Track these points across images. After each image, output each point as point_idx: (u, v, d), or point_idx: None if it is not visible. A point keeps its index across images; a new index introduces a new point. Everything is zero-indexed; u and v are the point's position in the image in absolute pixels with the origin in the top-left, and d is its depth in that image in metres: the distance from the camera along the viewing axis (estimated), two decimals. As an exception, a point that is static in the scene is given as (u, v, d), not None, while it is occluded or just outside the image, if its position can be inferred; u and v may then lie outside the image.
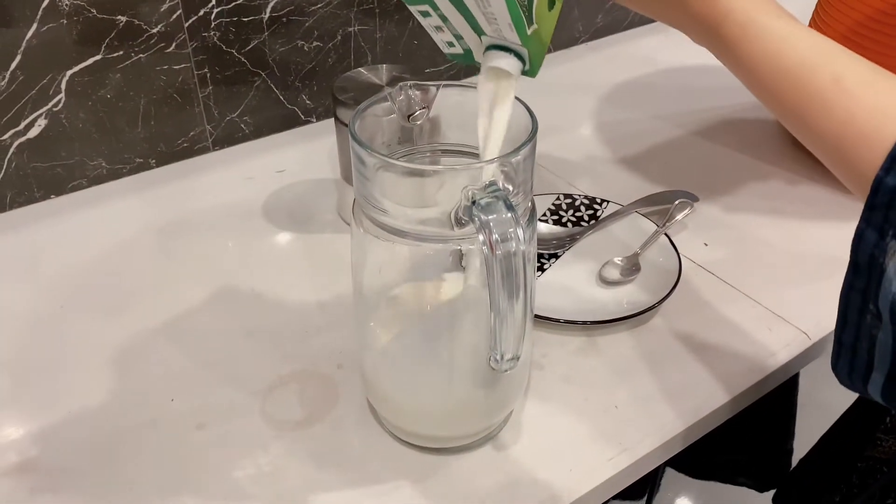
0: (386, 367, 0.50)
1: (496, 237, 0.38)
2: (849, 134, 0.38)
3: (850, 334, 0.39)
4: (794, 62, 0.40)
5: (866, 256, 0.36)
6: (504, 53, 0.45)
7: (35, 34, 0.70)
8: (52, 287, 0.67)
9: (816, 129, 0.40)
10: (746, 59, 0.42)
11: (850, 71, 0.39)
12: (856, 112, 0.38)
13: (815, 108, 0.39)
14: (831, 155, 0.40)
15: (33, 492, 0.50)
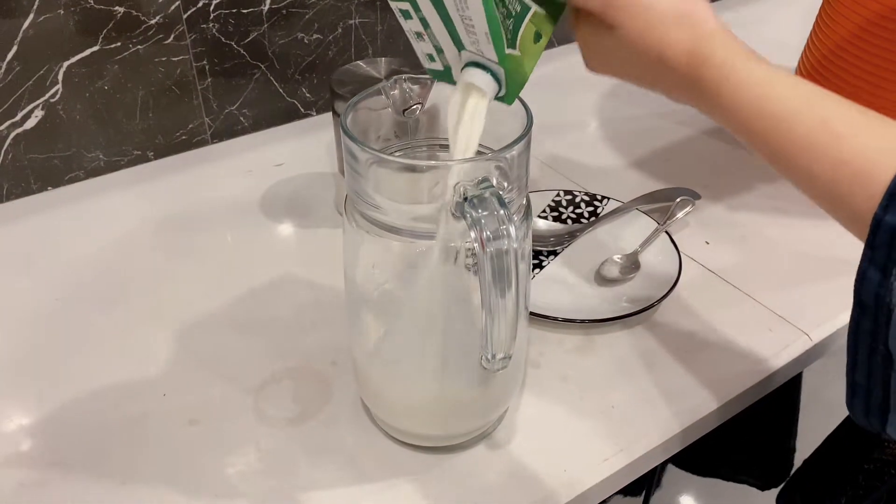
0: (378, 365, 0.49)
1: (487, 234, 0.37)
2: (841, 176, 0.38)
3: (861, 375, 0.38)
4: (780, 106, 0.40)
5: (871, 297, 0.36)
6: (481, 72, 0.44)
7: (32, 24, 0.69)
8: (48, 280, 0.67)
9: (807, 172, 0.40)
10: (729, 105, 0.42)
11: (836, 113, 0.39)
12: (846, 154, 0.38)
13: (804, 151, 0.39)
14: (824, 197, 0.40)
15: (21, 486, 0.50)
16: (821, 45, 0.78)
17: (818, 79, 0.78)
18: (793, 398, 0.76)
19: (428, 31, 0.44)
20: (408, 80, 0.49)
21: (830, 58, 0.76)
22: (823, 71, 0.78)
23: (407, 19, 0.44)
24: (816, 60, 0.79)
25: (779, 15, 1.20)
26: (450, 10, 0.41)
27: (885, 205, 0.35)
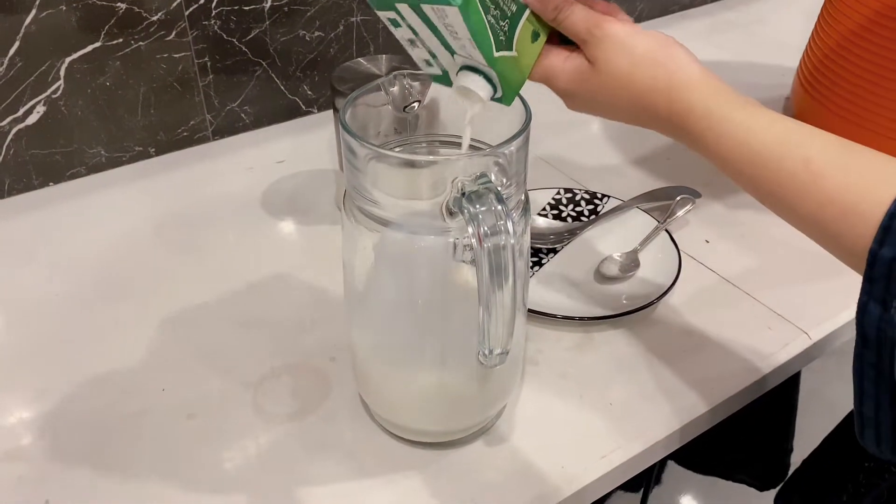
0: (377, 360, 0.49)
1: (485, 230, 0.38)
2: (828, 214, 0.39)
3: (869, 407, 0.38)
4: (762, 150, 0.41)
5: (874, 330, 0.36)
6: (476, 76, 0.44)
7: (34, 20, 0.69)
8: (49, 275, 0.67)
9: (796, 211, 0.41)
10: (713, 151, 0.43)
11: (818, 152, 0.39)
12: (831, 193, 0.39)
13: (790, 192, 0.40)
14: (815, 234, 0.41)
15: (21, 480, 0.50)
16: (822, 44, 0.78)
17: (820, 78, 0.79)
18: (791, 398, 0.76)
19: (418, 37, 0.44)
20: (407, 77, 0.49)
21: (832, 57, 0.76)
22: (825, 70, 0.78)
23: (396, 27, 0.44)
24: (818, 60, 0.79)
25: (780, 15, 1.20)
26: (431, 18, 0.41)
27: (881, 238, 0.36)
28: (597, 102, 0.46)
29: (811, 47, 0.82)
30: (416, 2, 0.40)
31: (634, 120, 0.47)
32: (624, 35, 0.44)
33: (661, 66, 0.43)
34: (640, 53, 0.44)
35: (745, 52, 1.07)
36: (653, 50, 0.44)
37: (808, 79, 0.81)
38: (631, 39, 0.44)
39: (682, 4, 1.20)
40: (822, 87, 0.78)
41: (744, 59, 1.05)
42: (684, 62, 0.44)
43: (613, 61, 0.44)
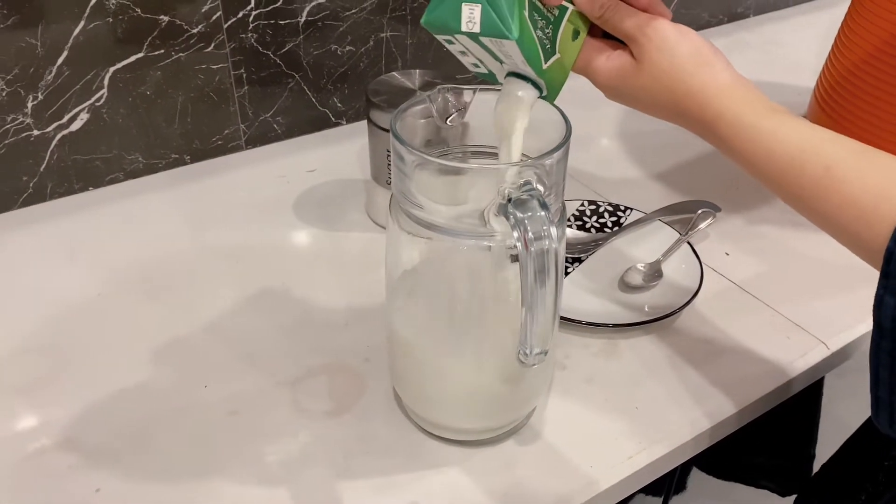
0: (416, 359, 0.52)
1: (530, 235, 0.40)
2: (848, 215, 0.42)
3: (884, 391, 0.42)
4: (786, 157, 0.44)
5: (889, 321, 0.39)
6: (522, 81, 0.47)
7: (82, 31, 0.72)
8: (90, 275, 0.69)
9: (817, 212, 0.44)
10: (741, 156, 0.46)
11: (838, 159, 0.42)
12: (851, 195, 0.42)
13: (812, 195, 0.43)
14: (836, 233, 0.44)
15: (72, 469, 0.52)
16: (839, 65, 0.81)
17: (837, 98, 0.81)
18: (814, 405, 0.78)
19: (470, 53, 0.47)
20: (450, 91, 0.52)
21: (849, 77, 0.79)
22: (842, 91, 0.80)
23: (450, 45, 0.46)
24: (835, 80, 0.82)
25: (795, 36, 1.23)
26: (487, 45, 0.44)
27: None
28: (636, 99, 0.49)
29: (828, 68, 0.85)
30: (476, 35, 0.43)
31: (669, 118, 0.49)
32: (670, 36, 0.46)
33: (698, 72, 0.46)
34: (681, 57, 0.46)
35: (761, 71, 1.10)
36: (693, 55, 0.46)
37: (825, 98, 0.84)
38: (675, 42, 0.46)
39: (698, 24, 1.23)
40: (838, 108, 0.81)
41: (760, 78, 1.07)
42: (719, 69, 0.46)
43: (657, 62, 0.46)
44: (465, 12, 0.42)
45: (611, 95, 0.51)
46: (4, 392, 0.58)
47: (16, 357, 0.61)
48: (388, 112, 0.69)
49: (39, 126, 0.75)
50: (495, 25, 0.42)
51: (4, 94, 0.72)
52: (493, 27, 0.42)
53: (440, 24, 0.43)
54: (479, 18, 0.42)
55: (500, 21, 0.41)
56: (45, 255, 0.72)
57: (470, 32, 0.42)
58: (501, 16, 0.41)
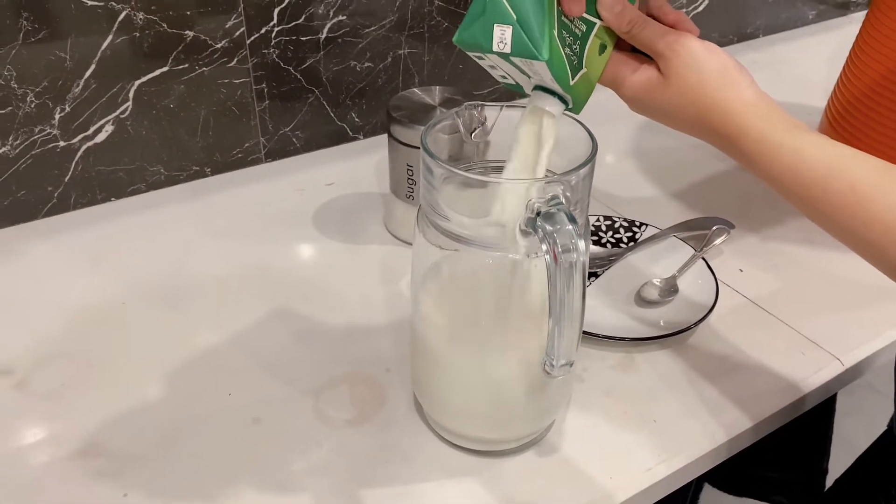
0: (439, 368, 0.52)
1: (559, 248, 0.41)
2: (873, 232, 0.43)
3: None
4: (811, 175, 0.45)
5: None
6: (548, 95, 0.48)
7: (109, 45, 0.74)
8: (113, 284, 0.71)
9: (842, 228, 0.45)
10: (766, 172, 0.47)
11: (863, 177, 0.44)
12: (875, 213, 0.43)
13: (837, 212, 0.44)
14: (861, 248, 0.45)
15: (99, 475, 0.53)
16: (852, 86, 0.82)
17: (849, 118, 0.82)
18: (826, 420, 0.79)
19: (499, 67, 0.48)
20: (476, 108, 0.53)
21: (862, 98, 0.80)
22: (854, 111, 0.81)
23: (480, 60, 0.48)
24: (847, 101, 0.83)
25: (804, 57, 1.25)
26: (517, 63, 0.45)
27: None
28: (662, 112, 0.50)
29: (840, 88, 0.86)
30: (507, 56, 0.44)
31: (694, 133, 0.50)
32: (698, 52, 0.48)
33: (723, 88, 0.47)
34: (707, 73, 0.47)
35: (771, 91, 1.09)
36: (719, 72, 0.47)
37: (836, 118, 0.85)
38: (703, 58, 0.47)
39: (709, 45, 1.24)
40: (851, 127, 0.82)
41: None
42: (744, 86, 0.48)
43: (684, 77, 0.48)
44: (496, 33, 0.43)
45: (636, 108, 0.52)
46: (32, 398, 0.59)
47: (42, 364, 0.62)
48: (408, 127, 0.70)
49: (66, 137, 0.76)
50: (526, 47, 0.43)
51: (33, 106, 0.73)
52: (523, 48, 0.43)
53: (471, 42, 0.45)
54: (510, 39, 0.43)
55: (530, 43, 0.43)
56: (68, 264, 0.73)
57: (501, 52, 0.44)
58: (532, 37, 0.43)
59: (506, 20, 0.43)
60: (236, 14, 0.79)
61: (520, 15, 0.42)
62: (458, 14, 0.93)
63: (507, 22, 0.43)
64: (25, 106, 0.73)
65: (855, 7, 1.41)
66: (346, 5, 0.85)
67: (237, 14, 0.79)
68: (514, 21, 0.43)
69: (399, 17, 0.89)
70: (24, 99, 0.72)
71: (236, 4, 0.78)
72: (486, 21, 0.43)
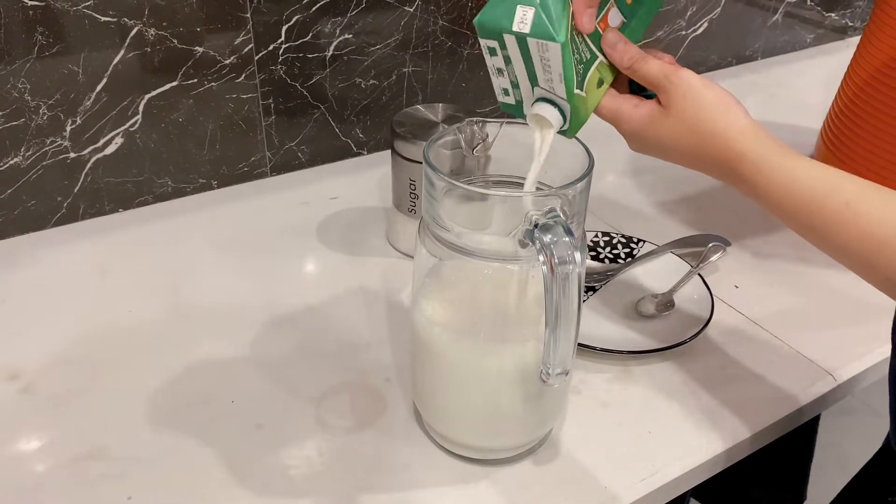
0: (438, 377, 0.54)
1: (556, 259, 0.42)
2: (868, 248, 0.45)
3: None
4: (808, 194, 0.47)
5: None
6: (550, 106, 0.50)
7: (121, 60, 0.76)
8: (120, 293, 0.72)
9: (838, 245, 0.46)
10: (764, 194, 0.49)
11: (856, 195, 0.46)
12: (870, 229, 0.45)
13: (833, 229, 0.46)
14: (853, 263, 0.47)
15: (103, 478, 0.54)
16: (846, 108, 0.84)
17: (844, 140, 0.84)
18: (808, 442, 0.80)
19: (509, 67, 0.49)
20: (478, 124, 0.54)
21: (857, 121, 0.82)
22: (849, 133, 0.83)
23: (492, 56, 0.49)
24: (840, 122, 0.84)
25: (801, 79, 1.27)
26: (531, 50, 0.47)
27: None
28: (660, 144, 0.52)
29: (834, 111, 0.88)
30: (524, 35, 0.46)
31: (692, 163, 0.52)
32: (695, 83, 0.50)
33: (721, 116, 0.49)
34: (705, 103, 0.49)
35: (769, 113, 1.13)
36: (717, 102, 0.49)
37: (831, 140, 0.86)
38: (701, 89, 0.49)
39: (708, 66, 1.27)
40: (845, 149, 0.83)
41: (767, 119, 1.11)
42: (741, 115, 0.50)
43: (683, 106, 0.50)
44: (518, 13, 0.46)
45: (636, 144, 0.54)
46: (38, 402, 0.60)
47: (48, 369, 0.63)
48: (411, 143, 0.72)
49: (76, 149, 0.78)
50: (545, 28, 0.45)
51: (45, 118, 0.75)
52: (542, 29, 0.45)
53: (492, 22, 0.47)
54: (530, 19, 0.45)
55: (549, 24, 0.45)
56: (76, 273, 0.75)
57: (519, 32, 0.46)
58: (551, 20, 0.45)
59: (529, 2, 0.46)
60: (245, 31, 0.81)
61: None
62: (461, 34, 0.95)
63: (530, 3, 0.46)
64: (38, 118, 0.75)
65: (852, 31, 1.43)
66: (353, 24, 0.87)
67: (246, 31, 0.81)
68: (536, 3, 0.45)
69: (404, 36, 0.91)
70: (37, 111, 0.74)
71: (245, 22, 0.80)
72: (510, 2, 0.46)
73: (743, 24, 1.26)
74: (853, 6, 1.40)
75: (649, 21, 0.55)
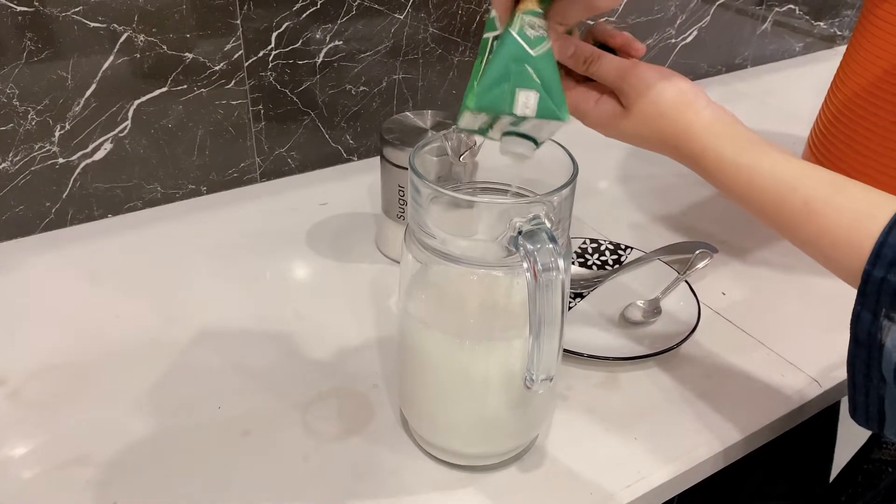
0: (424, 383, 0.54)
1: (540, 266, 0.43)
2: (825, 243, 0.47)
3: (860, 394, 0.47)
4: (767, 192, 0.49)
5: (864, 334, 0.44)
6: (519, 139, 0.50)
7: (110, 66, 0.76)
8: (108, 298, 0.72)
9: (799, 239, 0.49)
10: (725, 189, 0.51)
11: (815, 194, 0.47)
12: (827, 226, 0.47)
13: (793, 226, 0.48)
14: (817, 257, 0.49)
15: (89, 485, 0.54)
16: (832, 116, 0.85)
17: (830, 148, 0.85)
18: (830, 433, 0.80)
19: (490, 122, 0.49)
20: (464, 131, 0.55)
21: (841, 129, 0.82)
22: (835, 140, 0.84)
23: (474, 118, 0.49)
24: (828, 131, 0.85)
25: (789, 87, 1.28)
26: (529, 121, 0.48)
27: (873, 261, 0.44)
28: (626, 138, 0.54)
29: (821, 118, 0.88)
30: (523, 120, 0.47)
31: (660, 152, 0.54)
32: (653, 83, 0.51)
33: (682, 113, 0.51)
34: (664, 102, 0.51)
35: (757, 121, 1.14)
36: (676, 97, 0.51)
37: (818, 147, 0.87)
38: (659, 89, 0.51)
39: (697, 74, 1.27)
40: (831, 156, 0.84)
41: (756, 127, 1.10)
42: (701, 106, 0.51)
43: (643, 108, 0.51)
44: (520, 98, 0.46)
45: (605, 133, 0.55)
46: (24, 408, 0.60)
47: (35, 374, 0.63)
48: (400, 149, 0.72)
49: (65, 154, 0.78)
50: (550, 110, 0.46)
51: (34, 123, 0.75)
52: (548, 112, 0.46)
53: (492, 106, 0.47)
54: (533, 105, 0.46)
55: (556, 106, 0.46)
56: (64, 279, 0.74)
57: (521, 116, 0.46)
58: (557, 102, 0.46)
59: (531, 86, 0.46)
60: (235, 37, 0.81)
61: (544, 82, 0.46)
62: (451, 41, 0.95)
63: (532, 87, 0.46)
64: (26, 123, 0.75)
65: (841, 40, 1.44)
66: (343, 31, 0.87)
67: (236, 37, 0.81)
68: (539, 87, 0.46)
69: (394, 43, 0.91)
70: (26, 116, 0.74)
71: (235, 28, 0.81)
72: (510, 87, 0.46)
73: (732, 32, 1.27)
74: (842, 15, 1.41)
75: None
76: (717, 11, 1.22)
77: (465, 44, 0.97)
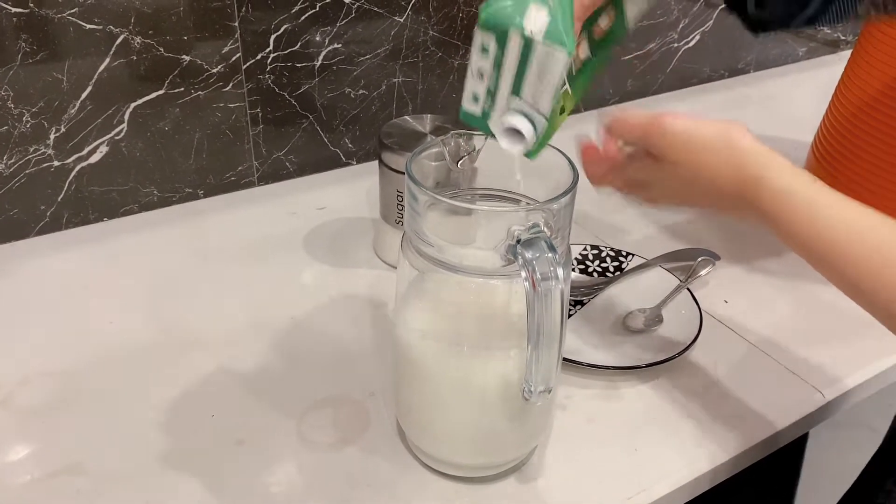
0: (421, 393, 0.53)
1: (538, 275, 0.42)
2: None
3: None
4: (838, 232, 0.44)
5: None
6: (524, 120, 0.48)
7: (107, 68, 0.75)
8: (102, 304, 0.71)
9: (866, 289, 0.44)
10: (786, 225, 0.46)
11: (888, 239, 0.43)
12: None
13: (862, 273, 0.44)
14: (883, 312, 0.44)
15: (80, 494, 0.53)
16: (836, 122, 0.84)
17: (833, 153, 0.84)
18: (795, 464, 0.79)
19: (495, 71, 0.48)
20: (462, 136, 0.54)
21: (846, 134, 0.81)
22: (839, 146, 0.83)
23: (482, 54, 0.47)
24: (831, 135, 0.84)
25: (794, 92, 1.27)
26: (534, 54, 0.46)
27: None
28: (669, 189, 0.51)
29: (825, 124, 0.87)
30: (533, 38, 0.45)
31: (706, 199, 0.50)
32: (683, 128, 0.48)
33: (729, 140, 0.47)
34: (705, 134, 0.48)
35: (761, 125, 1.11)
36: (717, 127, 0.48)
37: (821, 153, 0.86)
38: (693, 131, 0.48)
39: (700, 78, 1.27)
40: (836, 163, 0.83)
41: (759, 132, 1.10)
42: (743, 132, 0.48)
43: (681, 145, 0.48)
44: (531, 12, 0.44)
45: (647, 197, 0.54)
46: (17, 415, 0.59)
47: (28, 381, 0.62)
48: (399, 154, 0.71)
49: (60, 157, 0.77)
50: (558, 34, 0.44)
51: (29, 126, 0.74)
52: (555, 35, 0.44)
53: (502, 17, 0.45)
54: (544, 22, 0.44)
55: (563, 31, 0.44)
56: (59, 283, 0.74)
57: (530, 33, 0.45)
58: (566, 26, 0.44)
59: (543, 3, 0.45)
60: (233, 40, 0.80)
61: (556, 6, 0.45)
62: (451, 44, 0.94)
63: (544, 4, 0.45)
64: (21, 125, 0.74)
65: (844, 45, 1.43)
66: (342, 34, 0.86)
67: (234, 40, 0.80)
68: (550, 6, 0.45)
69: (394, 46, 0.90)
70: (20, 119, 0.73)
71: (233, 30, 0.80)
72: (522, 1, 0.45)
73: (735, 36, 1.26)
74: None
75: (605, 64, 0.54)
76: (721, 15, 1.21)
77: (466, 47, 0.96)
